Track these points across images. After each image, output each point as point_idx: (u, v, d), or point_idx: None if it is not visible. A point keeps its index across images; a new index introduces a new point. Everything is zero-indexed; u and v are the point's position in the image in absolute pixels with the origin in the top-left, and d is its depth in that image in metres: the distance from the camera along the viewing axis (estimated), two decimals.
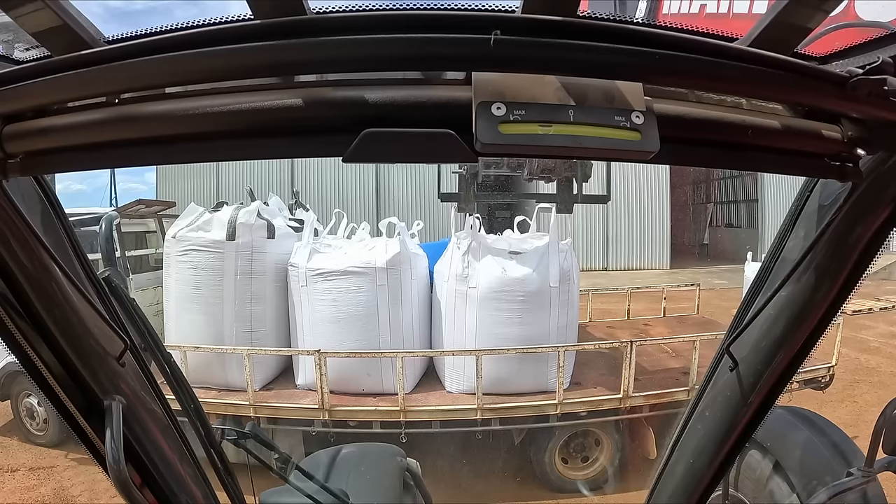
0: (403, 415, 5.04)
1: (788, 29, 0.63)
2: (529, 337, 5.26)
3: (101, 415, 1.03)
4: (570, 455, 5.59)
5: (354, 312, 5.18)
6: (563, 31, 0.60)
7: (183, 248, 5.29)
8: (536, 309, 5.29)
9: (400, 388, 5.00)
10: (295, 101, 0.65)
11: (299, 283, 5.28)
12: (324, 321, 5.20)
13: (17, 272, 0.86)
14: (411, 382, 5.35)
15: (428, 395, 5.40)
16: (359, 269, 5.16)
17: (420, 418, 5.14)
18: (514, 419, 5.27)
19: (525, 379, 5.28)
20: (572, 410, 5.23)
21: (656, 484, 1.49)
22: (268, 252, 5.48)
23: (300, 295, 5.32)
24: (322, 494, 1.77)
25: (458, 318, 5.45)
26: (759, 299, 1.11)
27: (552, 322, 5.36)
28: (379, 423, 5.15)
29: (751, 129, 0.69)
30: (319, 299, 5.20)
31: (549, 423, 5.24)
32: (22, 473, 5.98)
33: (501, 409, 5.17)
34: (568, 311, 5.50)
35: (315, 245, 5.45)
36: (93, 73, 0.64)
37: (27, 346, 0.93)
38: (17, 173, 0.73)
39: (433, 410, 5.16)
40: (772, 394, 1.13)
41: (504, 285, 5.21)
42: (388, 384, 5.14)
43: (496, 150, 0.61)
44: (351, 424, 5.18)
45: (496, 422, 5.20)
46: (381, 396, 5.22)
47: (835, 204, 0.88)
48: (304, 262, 5.26)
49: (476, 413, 5.07)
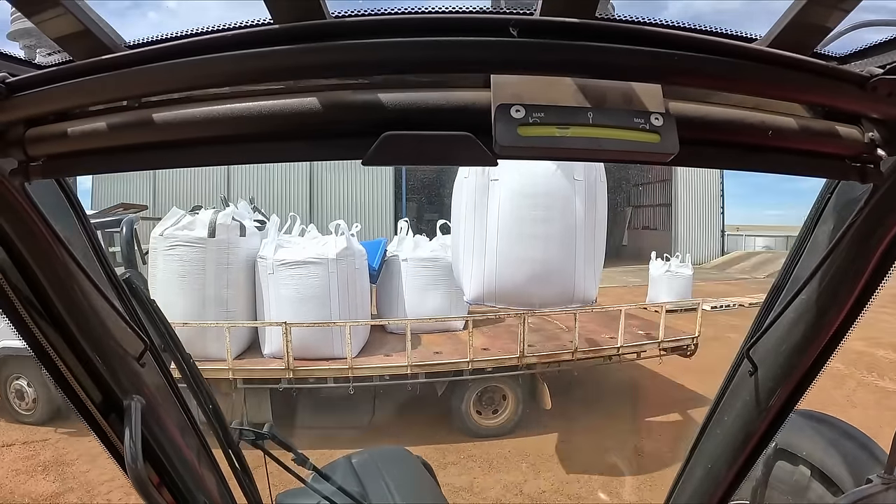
0: (351, 372, 6.42)
1: (807, 29, 0.62)
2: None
3: (120, 414, 1.03)
4: (483, 408, 6.96)
5: (312, 294, 6.53)
6: (581, 32, 0.59)
7: (170, 244, 6.46)
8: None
9: (348, 352, 6.38)
10: (314, 105, 0.64)
11: (267, 272, 6.59)
12: (287, 301, 6.52)
13: (39, 273, 0.86)
14: (357, 348, 6.73)
15: (370, 358, 6.80)
16: (315, 259, 6.53)
17: (364, 374, 6.52)
18: (437, 374, 6.69)
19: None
20: (481, 367, 6.71)
21: (674, 488, 1.48)
22: (240, 247, 6.75)
23: (268, 281, 6.63)
24: (339, 496, 1.76)
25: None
26: (779, 303, 1.08)
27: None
28: (332, 379, 6.50)
29: (770, 131, 0.67)
30: (284, 284, 6.52)
31: (464, 377, 6.70)
32: (17, 447, 6.55)
33: (427, 365, 6.61)
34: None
35: (279, 241, 6.77)
36: (114, 78, 0.65)
37: (48, 346, 0.93)
38: (39, 176, 0.73)
39: (374, 368, 6.57)
40: (792, 398, 1.10)
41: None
42: (339, 350, 6.50)
43: (515, 153, 0.60)
44: (310, 381, 6.51)
45: (423, 376, 6.63)
46: (333, 360, 6.55)
47: (855, 206, 0.84)
48: (271, 255, 6.57)
49: (407, 369, 6.51)
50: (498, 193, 4.71)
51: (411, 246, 8.02)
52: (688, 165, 0.69)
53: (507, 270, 4.72)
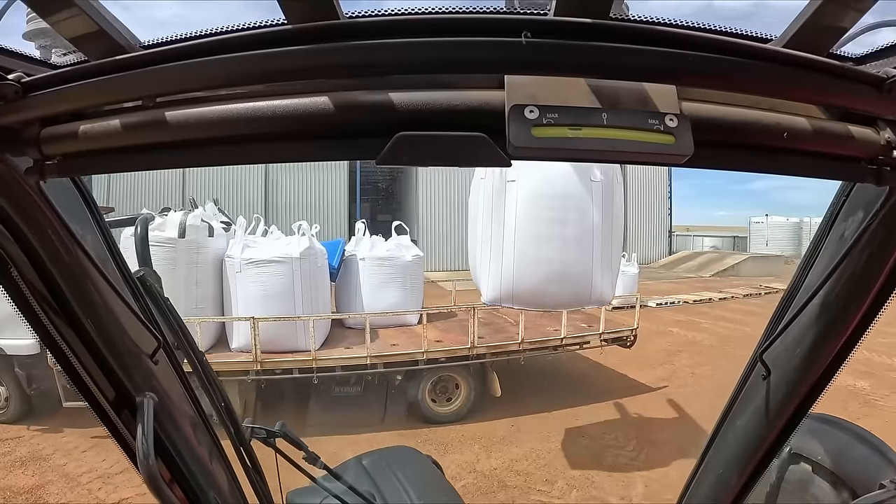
0: (315, 363, 6.91)
1: (823, 29, 0.61)
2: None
3: (132, 411, 1.04)
4: (437, 396, 7.51)
5: (277, 290, 6.98)
6: (595, 33, 0.59)
7: None
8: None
9: (312, 345, 6.88)
10: (328, 105, 0.64)
11: (235, 270, 7.01)
12: (254, 298, 6.95)
13: (54, 270, 0.87)
14: (319, 341, 7.21)
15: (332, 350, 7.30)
16: (280, 258, 6.99)
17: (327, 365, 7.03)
18: (394, 364, 7.22)
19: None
20: (435, 357, 7.27)
21: (686, 490, 1.47)
22: (209, 247, 7.15)
23: (235, 279, 7.04)
24: (349, 495, 1.76)
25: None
26: (794, 306, 1.08)
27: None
28: (297, 370, 6.97)
29: (785, 132, 0.66)
30: (251, 282, 6.95)
31: (419, 367, 7.25)
32: None
33: (385, 356, 7.15)
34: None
35: (245, 241, 7.21)
36: (128, 78, 0.65)
37: (63, 343, 0.94)
38: (54, 174, 0.74)
39: (336, 359, 7.09)
40: (806, 402, 1.09)
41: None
42: (303, 342, 6.97)
43: (529, 153, 0.60)
44: (277, 372, 6.97)
45: (381, 366, 7.15)
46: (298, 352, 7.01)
47: (871, 208, 0.84)
48: (238, 254, 7.00)
49: (366, 360, 7.03)
50: (515, 195, 4.60)
51: (368, 246, 8.54)
52: (702, 167, 0.68)
53: (524, 272, 4.59)
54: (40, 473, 5.99)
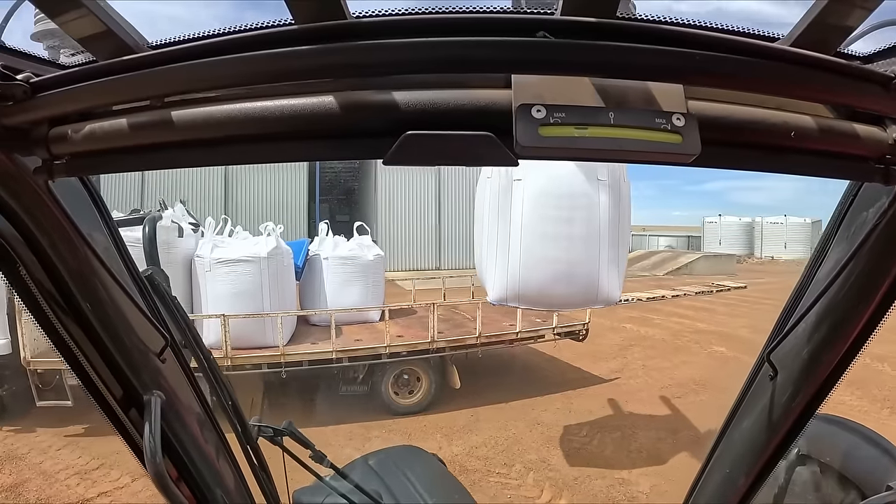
0: (283, 358, 7.24)
1: (830, 28, 0.60)
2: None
3: (140, 409, 1.04)
4: (400, 388, 7.90)
5: (246, 289, 7.27)
6: (603, 32, 0.59)
7: None
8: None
9: (280, 340, 7.20)
10: (335, 105, 0.64)
11: (205, 270, 7.26)
12: (224, 296, 7.22)
13: (63, 269, 0.87)
14: (287, 337, 7.53)
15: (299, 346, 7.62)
16: (249, 258, 7.28)
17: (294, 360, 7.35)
18: (358, 358, 7.59)
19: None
20: (397, 351, 7.67)
21: (693, 490, 1.46)
22: (179, 247, 7.36)
23: (205, 278, 7.30)
24: (356, 494, 1.76)
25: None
26: (801, 306, 1.07)
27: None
28: (266, 364, 7.27)
29: (793, 131, 0.66)
30: (221, 281, 7.22)
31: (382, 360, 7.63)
32: None
33: (349, 351, 7.51)
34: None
35: (215, 241, 7.48)
36: (137, 78, 0.65)
37: (71, 341, 0.94)
38: (62, 174, 0.74)
39: (303, 354, 7.42)
40: (813, 403, 1.08)
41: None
42: (271, 338, 7.28)
43: (536, 153, 0.60)
44: (247, 367, 7.25)
45: (346, 361, 7.51)
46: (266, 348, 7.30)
47: (879, 208, 0.84)
48: (208, 254, 7.25)
49: (332, 355, 7.38)
50: (521, 194, 4.53)
51: (331, 246, 8.86)
52: (709, 166, 0.67)
53: (531, 271, 4.52)
54: (17, 472, 6.06)
